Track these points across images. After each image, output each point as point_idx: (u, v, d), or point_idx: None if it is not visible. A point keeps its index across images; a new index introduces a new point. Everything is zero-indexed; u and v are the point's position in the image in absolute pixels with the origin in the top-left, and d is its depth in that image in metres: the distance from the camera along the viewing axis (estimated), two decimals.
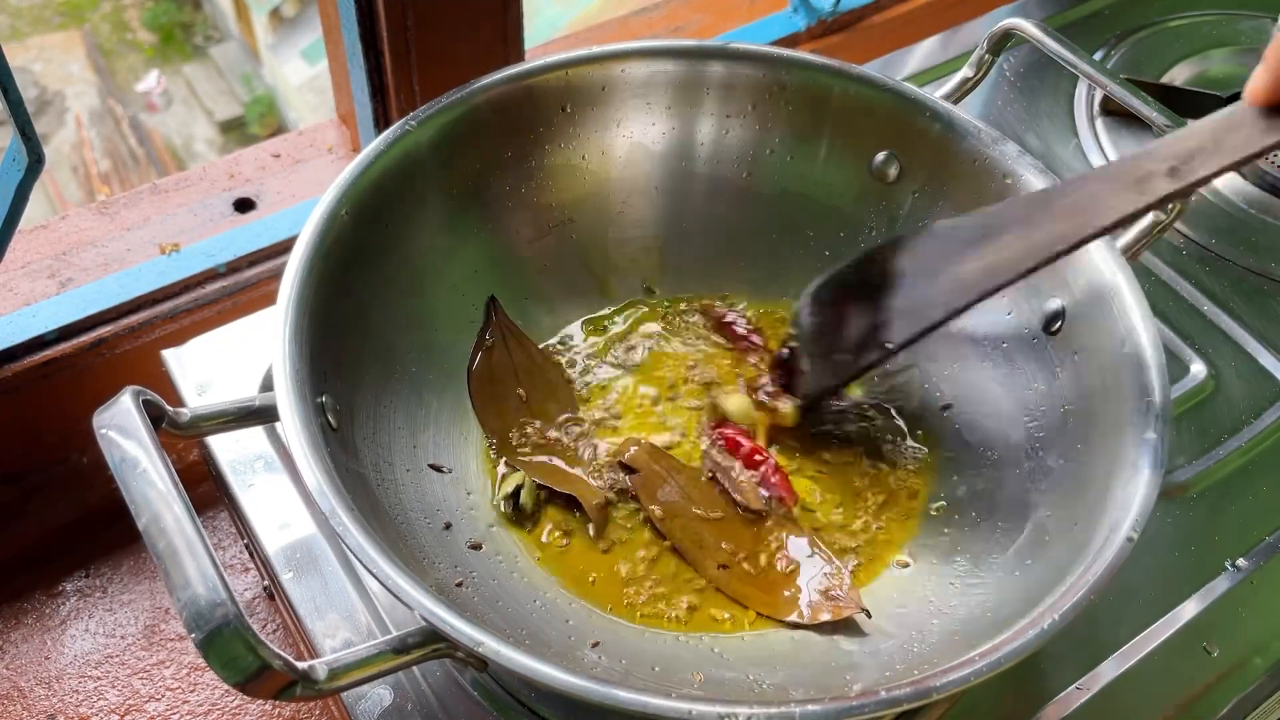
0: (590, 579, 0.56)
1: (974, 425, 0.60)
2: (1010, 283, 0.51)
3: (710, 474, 0.59)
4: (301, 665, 0.40)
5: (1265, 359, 0.70)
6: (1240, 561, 0.60)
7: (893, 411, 0.63)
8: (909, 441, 0.62)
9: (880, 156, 0.65)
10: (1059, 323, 0.57)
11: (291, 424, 0.47)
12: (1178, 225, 0.77)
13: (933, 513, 0.59)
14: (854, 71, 0.64)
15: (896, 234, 0.65)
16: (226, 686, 0.45)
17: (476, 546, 0.56)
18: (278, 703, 0.67)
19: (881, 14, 1.00)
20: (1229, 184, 0.81)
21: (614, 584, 0.56)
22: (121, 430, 0.43)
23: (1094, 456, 0.52)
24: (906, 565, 0.57)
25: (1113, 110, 0.85)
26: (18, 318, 0.71)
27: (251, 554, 0.65)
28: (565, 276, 0.67)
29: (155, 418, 0.45)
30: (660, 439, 0.61)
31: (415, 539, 0.52)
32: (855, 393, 0.64)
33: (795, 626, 0.54)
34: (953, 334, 0.63)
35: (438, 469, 0.58)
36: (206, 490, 0.65)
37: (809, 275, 0.67)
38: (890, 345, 0.55)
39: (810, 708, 0.40)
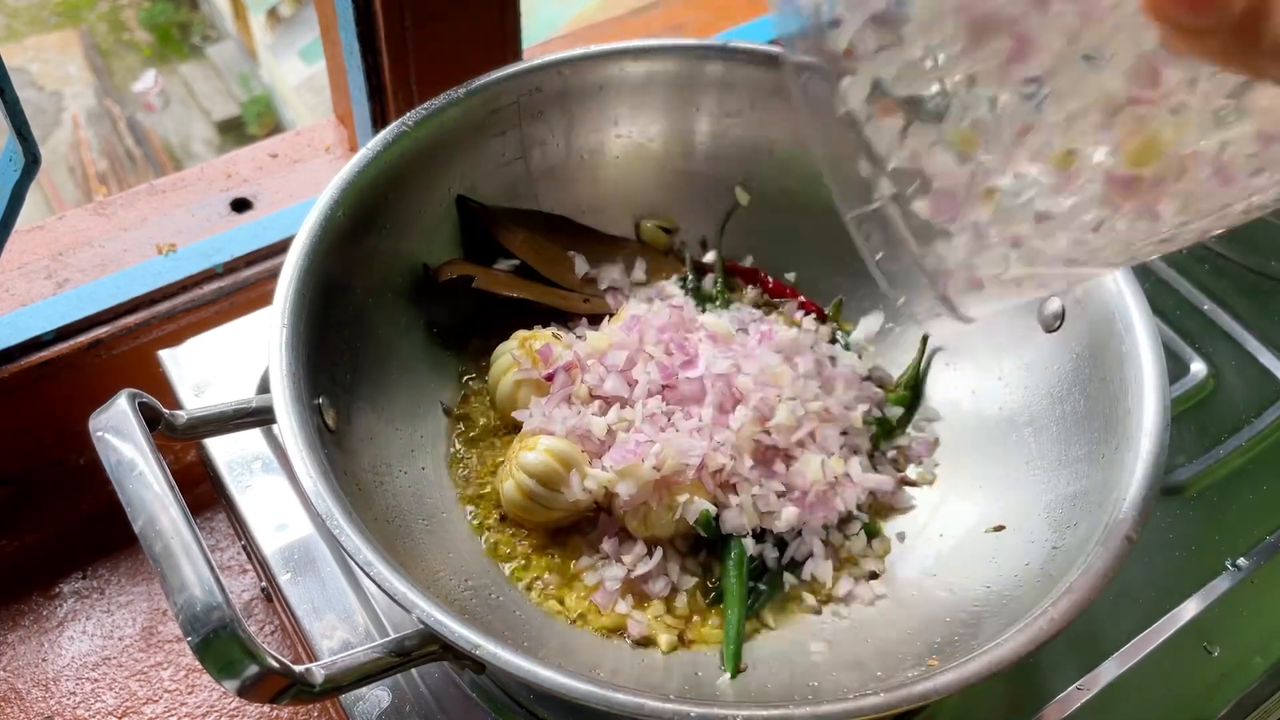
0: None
1: (975, 427, 0.60)
2: None
3: None
4: (298, 669, 0.40)
5: (1265, 358, 0.70)
6: (1240, 561, 0.60)
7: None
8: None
9: None
10: (1059, 322, 0.57)
11: (288, 426, 0.46)
12: None
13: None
14: None
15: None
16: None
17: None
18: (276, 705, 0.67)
19: None
20: None
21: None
22: (117, 433, 0.42)
23: (1093, 457, 0.51)
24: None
25: None
26: (15, 318, 0.71)
27: (249, 555, 0.65)
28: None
29: (151, 420, 0.45)
30: None
31: (412, 541, 0.52)
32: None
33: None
34: (953, 337, 0.62)
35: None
36: (204, 491, 0.65)
37: (808, 275, 0.67)
38: None
39: (808, 709, 0.40)
